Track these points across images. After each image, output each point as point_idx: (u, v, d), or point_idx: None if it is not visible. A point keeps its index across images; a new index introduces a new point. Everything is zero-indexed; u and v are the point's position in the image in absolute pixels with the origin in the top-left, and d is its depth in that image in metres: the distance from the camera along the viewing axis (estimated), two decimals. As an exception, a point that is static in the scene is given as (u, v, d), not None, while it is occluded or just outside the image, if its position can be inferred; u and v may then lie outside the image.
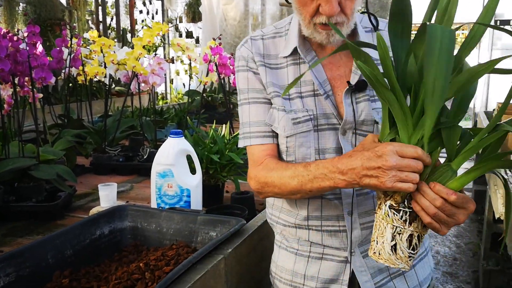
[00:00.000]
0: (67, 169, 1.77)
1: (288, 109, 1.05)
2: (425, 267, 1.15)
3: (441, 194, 0.78)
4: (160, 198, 1.53)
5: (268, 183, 1.02)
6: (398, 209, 0.82)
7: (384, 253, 0.82)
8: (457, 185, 0.79)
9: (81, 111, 2.90)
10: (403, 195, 0.82)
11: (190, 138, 1.79)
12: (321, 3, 0.94)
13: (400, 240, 0.81)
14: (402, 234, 0.81)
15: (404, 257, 0.82)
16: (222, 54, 2.40)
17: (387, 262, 0.83)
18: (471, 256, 3.63)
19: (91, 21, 6.81)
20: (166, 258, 1.09)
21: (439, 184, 0.79)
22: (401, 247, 0.81)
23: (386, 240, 0.82)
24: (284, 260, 1.14)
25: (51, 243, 1.09)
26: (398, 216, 0.81)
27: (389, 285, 1.10)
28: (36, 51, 1.76)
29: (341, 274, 1.08)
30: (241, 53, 1.12)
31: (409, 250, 0.82)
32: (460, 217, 0.81)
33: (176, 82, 8.63)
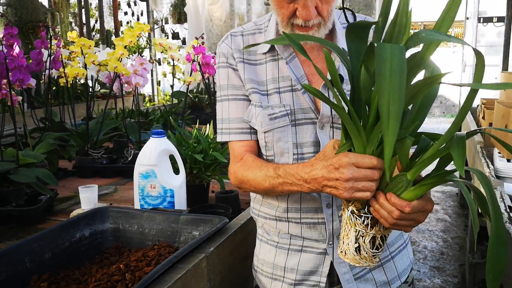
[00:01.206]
0: (48, 173, 1.74)
1: (265, 105, 1.07)
2: (403, 259, 1.16)
3: (397, 207, 0.81)
4: (143, 199, 1.52)
5: (244, 181, 1.06)
6: (360, 215, 0.85)
7: (349, 253, 0.85)
8: (411, 196, 0.81)
9: (64, 114, 2.86)
10: (363, 202, 0.85)
11: (173, 138, 1.78)
12: (298, 7, 0.96)
13: (363, 243, 0.84)
14: (365, 237, 0.84)
15: (368, 256, 0.85)
16: (205, 53, 2.38)
17: (352, 262, 0.86)
18: (458, 250, 3.66)
19: (74, 23, 6.74)
20: (147, 259, 1.07)
21: (394, 196, 0.81)
22: (365, 248, 0.84)
23: (350, 241, 0.85)
24: (265, 254, 1.16)
25: (29, 247, 1.07)
26: (360, 220, 0.84)
27: (368, 276, 1.11)
28: (13, 53, 1.73)
29: (320, 266, 1.09)
30: (221, 49, 1.13)
31: (373, 250, 0.85)
32: (420, 218, 0.85)
33: (163, 84, 8.59)
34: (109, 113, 3.08)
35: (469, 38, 8.25)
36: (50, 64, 2.29)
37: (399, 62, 0.63)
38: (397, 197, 0.81)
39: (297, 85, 1.05)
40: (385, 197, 0.82)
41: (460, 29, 17.46)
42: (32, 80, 1.90)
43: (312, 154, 1.05)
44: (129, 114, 3.09)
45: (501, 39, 5.51)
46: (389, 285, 1.13)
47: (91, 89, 3.18)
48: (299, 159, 1.07)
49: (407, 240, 1.20)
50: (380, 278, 1.12)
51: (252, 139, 1.11)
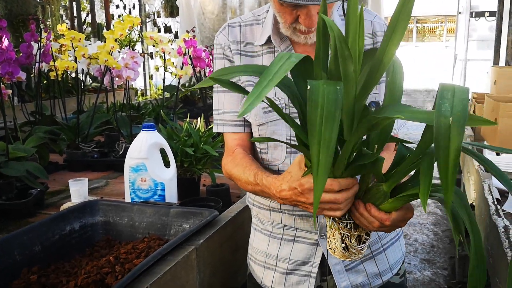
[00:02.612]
0: (38, 166, 1.73)
1: None
2: (395, 251, 1.18)
3: (377, 219, 0.82)
4: (134, 193, 1.52)
5: (232, 177, 1.09)
6: (342, 221, 0.86)
7: (338, 251, 0.87)
8: (389, 208, 0.81)
9: (55, 108, 2.84)
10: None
11: (164, 131, 1.77)
12: (300, 15, 0.96)
13: (349, 242, 0.86)
14: (350, 237, 0.86)
15: (356, 252, 0.87)
16: (197, 47, 2.38)
17: (342, 258, 0.87)
18: (448, 243, 3.70)
19: (65, 16, 6.68)
20: (136, 251, 1.08)
21: (374, 209, 0.82)
22: (352, 246, 0.86)
23: (337, 242, 0.86)
24: (259, 242, 1.18)
25: (19, 240, 1.07)
26: (342, 225, 0.86)
27: (359, 268, 1.12)
28: (2, 46, 1.71)
29: (312, 256, 1.11)
30: (219, 40, 1.14)
31: (360, 246, 0.87)
32: (401, 224, 0.85)
33: (156, 78, 8.54)
34: (100, 107, 3.06)
35: (461, 33, 8.27)
36: (40, 57, 2.28)
37: (333, 107, 0.57)
38: (377, 210, 0.82)
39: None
40: (364, 207, 0.82)
41: (453, 24, 17.53)
42: (22, 73, 1.88)
43: None
44: (120, 108, 3.07)
45: (493, 34, 5.55)
46: (381, 277, 1.15)
47: (82, 83, 3.16)
48: (292, 152, 1.08)
49: (400, 233, 1.21)
50: (371, 269, 1.14)
51: (245, 132, 1.13)
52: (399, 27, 0.65)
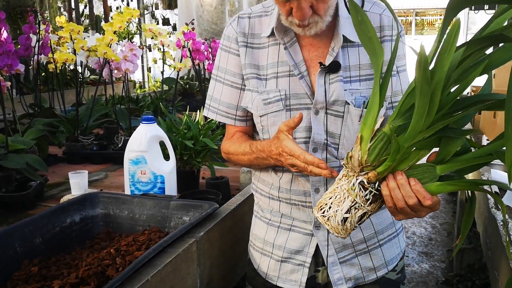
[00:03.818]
0: (37, 158, 1.73)
1: (261, 90, 1.11)
2: (393, 248, 1.17)
3: (418, 195, 0.80)
4: (133, 185, 1.52)
5: (229, 155, 1.18)
6: (366, 188, 0.83)
7: (334, 221, 0.84)
8: (435, 191, 0.80)
9: (53, 100, 2.83)
10: (379, 177, 0.83)
11: (163, 124, 1.77)
12: (293, 7, 0.97)
13: (354, 215, 0.83)
14: (358, 210, 0.83)
15: (349, 229, 0.85)
16: (196, 39, 2.37)
17: (331, 229, 0.85)
18: (446, 236, 3.73)
19: (63, 8, 6.64)
20: (137, 243, 1.08)
21: (419, 185, 0.80)
22: (352, 221, 0.84)
23: (341, 210, 0.83)
24: (258, 229, 1.21)
25: (19, 232, 1.07)
26: (363, 193, 0.82)
27: (354, 261, 1.13)
28: (1, 38, 1.70)
29: (306, 246, 1.12)
30: (227, 32, 1.16)
31: (356, 224, 0.85)
32: (423, 214, 0.84)
33: (154, 71, 8.52)
34: (99, 99, 3.06)
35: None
36: (39, 49, 2.27)
37: None
38: (422, 187, 0.80)
39: (294, 70, 1.06)
40: (408, 180, 0.81)
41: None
42: (21, 65, 1.87)
43: (304, 139, 1.07)
44: (119, 101, 3.07)
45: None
46: (375, 272, 1.15)
47: (80, 75, 3.15)
48: None
49: (399, 230, 1.21)
50: (366, 264, 1.14)
51: (236, 125, 1.19)
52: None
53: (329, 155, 1.06)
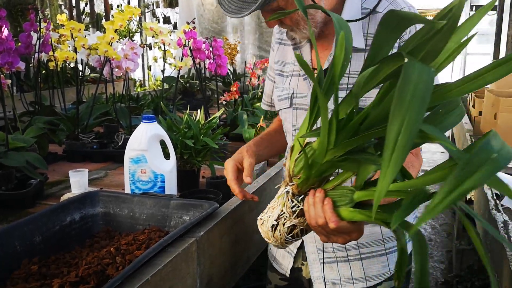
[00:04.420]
0: (38, 156, 1.73)
1: (279, 87, 1.20)
2: (377, 265, 1.14)
3: (325, 215, 0.76)
4: (134, 184, 1.52)
5: None
6: (292, 200, 0.82)
7: (266, 225, 0.83)
8: (344, 216, 0.76)
9: (54, 98, 2.83)
10: (301, 190, 0.81)
11: (164, 123, 1.77)
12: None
13: (282, 225, 0.81)
14: (286, 221, 0.81)
15: (280, 238, 0.82)
16: (197, 38, 2.36)
17: (264, 234, 0.84)
18: (445, 237, 3.72)
19: (63, 6, 6.63)
20: (137, 242, 1.08)
21: (329, 206, 0.76)
22: (281, 230, 0.81)
23: (272, 217, 0.82)
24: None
25: (19, 230, 1.07)
26: (290, 204, 0.81)
27: (333, 265, 1.14)
28: (1, 35, 1.70)
29: None
30: (274, 29, 1.26)
31: (287, 236, 0.82)
32: (338, 239, 0.81)
33: (154, 69, 8.51)
34: (99, 98, 3.05)
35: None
36: (40, 47, 2.26)
37: (425, 88, 0.52)
38: (332, 208, 0.76)
39: (301, 70, 1.08)
40: (323, 199, 0.78)
41: (453, 18, 17.42)
42: (21, 63, 1.87)
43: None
44: (120, 99, 3.06)
45: (493, 28, 5.53)
46: (353, 283, 1.13)
47: (81, 73, 3.15)
48: None
49: (390, 250, 1.16)
50: (344, 272, 1.14)
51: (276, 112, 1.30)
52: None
53: None
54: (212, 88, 4.18)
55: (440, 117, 0.70)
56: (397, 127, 0.51)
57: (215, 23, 5.68)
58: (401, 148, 0.51)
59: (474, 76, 0.61)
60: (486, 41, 7.68)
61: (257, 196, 1.14)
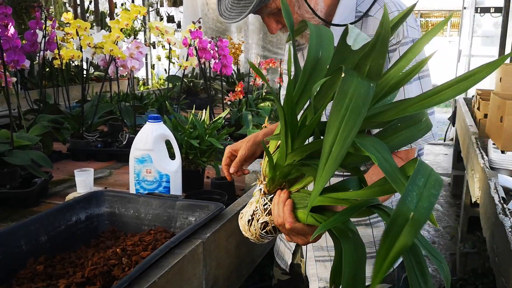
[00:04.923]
0: (42, 155, 1.72)
1: (284, 86, 1.25)
2: (369, 267, 1.11)
3: (284, 216, 0.81)
4: (138, 184, 1.51)
5: None
6: (265, 198, 0.86)
7: (244, 219, 0.88)
8: (301, 218, 0.80)
9: (58, 96, 2.82)
10: (269, 189, 0.86)
11: (169, 123, 1.76)
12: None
13: (256, 220, 0.86)
14: (260, 217, 0.86)
15: (255, 233, 0.87)
16: (202, 38, 2.36)
17: (242, 228, 0.89)
18: (449, 239, 3.71)
19: (68, 4, 6.64)
20: (143, 243, 1.07)
21: (288, 207, 0.80)
22: (255, 225, 0.87)
23: (248, 212, 0.87)
24: None
25: (25, 230, 1.06)
26: (263, 202, 0.86)
27: (327, 264, 1.16)
28: (8, 33, 1.70)
29: None
30: None
31: (262, 232, 0.87)
32: (297, 239, 0.85)
33: (158, 68, 8.51)
34: (104, 96, 3.05)
35: (466, 28, 8.22)
36: (45, 45, 2.26)
37: (361, 102, 0.53)
38: (290, 209, 0.80)
39: None
40: (285, 201, 0.82)
41: (457, 19, 17.43)
42: (26, 61, 1.86)
43: None
44: (124, 98, 3.06)
45: (497, 30, 5.51)
46: None
47: (85, 72, 3.14)
48: None
49: None
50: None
51: None
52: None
53: None
54: (216, 88, 4.17)
55: (398, 130, 0.72)
56: (331, 138, 0.54)
57: (219, 23, 5.67)
58: (333, 158, 0.54)
59: (434, 92, 0.62)
60: (491, 43, 7.65)
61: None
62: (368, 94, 0.54)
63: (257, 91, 3.51)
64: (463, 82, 0.59)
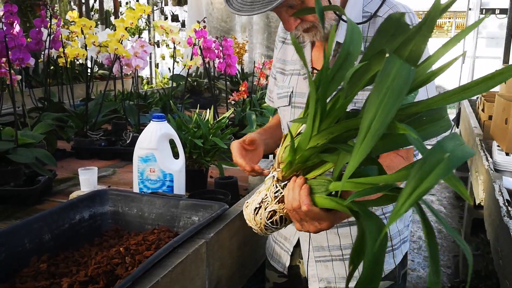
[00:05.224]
0: (47, 153, 1.73)
1: (279, 85, 1.21)
2: None
3: (300, 199, 0.80)
4: (142, 183, 1.51)
5: None
6: (277, 185, 0.86)
7: (250, 208, 0.87)
8: (319, 202, 0.79)
9: (62, 95, 2.83)
10: (285, 175, 0.85)
11: (173, 122, 1.77)
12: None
13: (263, 209, 0.85)
14: (268, 205, 0.85)
15: (260, 223, 0.86)
16: (207, 37, 2.35)
17: (246, 216, 0.88)
18: (452, 241, 3.69)
19: (73, 2, 6.65)
20: (147, 243, 1.07)
21: (305, 191, 0.80)
22: (261, 214, 0.85)
23: (256, 200, 0.87)
24: None
25: (28, 228, 1.06)
26: (274, 189, 0.85)
27: (328, 264, 1.16)
28: (13, 31, 1.70)
29: (292, 235, 1.22)
30: (279, 27, 1.27)
31: (267, 222, 0.86)
32: (310, 226, 0.83)
33: (162, 67, 8.52)
34: (108, 95, 3.05)
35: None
36: (50, 43, 2.26)
37: (402, 83, 0.56)
38: (307, 193, 0.80)
39: (301, 69, 1.08)
40: (301, 185, 0.81)
41: (461, 20, 17.36)
42: (31, 59, 1.87)
43: None
44: (128, 97, 3.06)
45: (503, 31, 5.49)
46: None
47: (89, 70, 3.15)
48: None
49: (392, 247, 1.16)
50: (339, 270, 1.15)
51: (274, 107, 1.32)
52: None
53: None
54: (220, 87, 4.17)
55: (423, 123, 0.75)
56: (371, 114, 0.56)
57: (224, 22, 5.67)
58: (372, 134, 0.56)
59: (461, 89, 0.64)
60: (496, 45, 7.63)
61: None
62: (409, 76, 0.56)
63: (261, 90, 3.50)
64: (490, 81, 0.62)
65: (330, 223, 0.82)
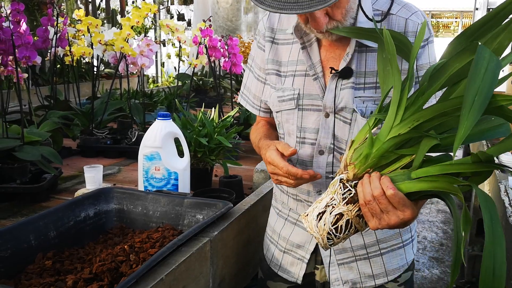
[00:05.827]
0: (53, 151, 1.74)
1: (278, 87, 1.13)
2: (396, 258, 1.15)
3: (382, 185, 0.79)
4: (147, 181, 1.52)
5: (251, 141, 1.26)
6: (346, 185, 0.84)
7: (311, 216, 0.85)
8: (405, 188, 0.78)
9: (69, 93, 2.85)
10: (357, 172, 0.84)
11: (178, 121, 1.77)
12: (308, 18, 0.96)
13: (329, 213, 0.83)
14: (334, 208, 0.83)
15: (323, 229, 0.83)
16: (213, 36, 2.36)
17: (307, 224, 0.85)
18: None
19: (79, 1, 6.68)
20: (151, 241, 1.07)
21: (387, 178, 0.79)
22: (326, 219, 0.83)
23: (320, 206, 0.84)
24: (271, 217, 1.28)
25: (34, 225, 1.07)
26: (342, 191, 0.83)
27: (352, 265, 1.14)
28: (20, 30, 1.71)
29: (307, 243, 1.17)
30: (259, 27, 1.20)
31: (331, 227, 0.82)
32: (392, 217, 0.80)
33: (168, 66, 8.55)
34: (114, 93, 3.07)
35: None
36: (57, 42, 2.28)
37: (495, 67, 0.64)
38: (389, 180, 0.79)
39: (309, 71, 1.05)
40: (380, 177, 0.80)
41: (468, 20, 17.27)
42: (38, 57, 1.88)
43: (312, 141, 1.08)
44: (134, 95, 3.07)
45: None
46: (374, 279, 1.14)
47: (96, 69, 3.17)
48: (301, 142, 1.10)
49: (406, 242, 1.17)
50: (364, 270, 1.14)
51: (260, 116, 1.26)
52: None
53: (335, 159, 1.06)
54: (225, 86, 4.18)
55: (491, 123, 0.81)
56: (473, 91, 0.63)
57: (230, 21, 5.68)
58: (477, 107, 0.63)
59: None
60: None
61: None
62: (499, 64, 0.65)
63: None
64: None
65: (413, 212, 0.80)
